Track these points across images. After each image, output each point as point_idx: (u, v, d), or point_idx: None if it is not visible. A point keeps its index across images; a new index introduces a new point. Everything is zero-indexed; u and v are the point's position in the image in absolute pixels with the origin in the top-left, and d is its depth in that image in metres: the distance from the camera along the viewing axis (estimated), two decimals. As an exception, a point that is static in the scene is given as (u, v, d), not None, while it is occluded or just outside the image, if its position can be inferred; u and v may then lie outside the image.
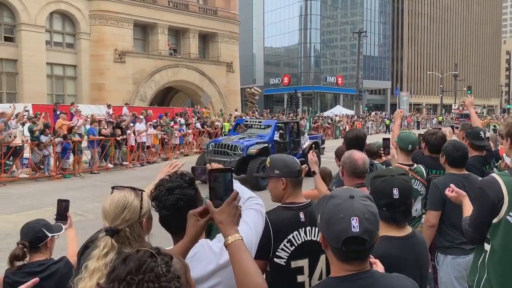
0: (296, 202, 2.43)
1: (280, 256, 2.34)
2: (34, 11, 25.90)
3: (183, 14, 33.27)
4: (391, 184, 2.13)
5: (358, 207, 1.45)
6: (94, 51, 28.69)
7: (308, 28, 65.20)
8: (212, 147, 13.49)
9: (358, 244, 1.42)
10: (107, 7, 28.78)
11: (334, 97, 68.05)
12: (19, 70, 26.02)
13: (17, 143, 13.46)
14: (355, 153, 3.03)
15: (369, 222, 1.43)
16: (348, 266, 1.47)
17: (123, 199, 1.76)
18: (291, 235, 2.35)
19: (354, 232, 1.40)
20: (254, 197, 2.00)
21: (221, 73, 36.09)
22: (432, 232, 3.46)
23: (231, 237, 1.48)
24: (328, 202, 1.50)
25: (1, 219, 8.76)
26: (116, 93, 28.35)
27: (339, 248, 1.43)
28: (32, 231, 2.69)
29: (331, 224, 1.45)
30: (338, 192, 1.55)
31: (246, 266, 1.44)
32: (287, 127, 14.80)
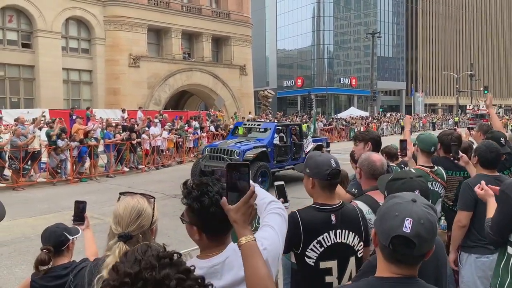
0: (328, 203, 2.42)
1: (309, 256, 2.36)
2: (50, 18, 26.34)
3: (196, 18, 33.48)
4: (411, 186, 2.12)
5: (417, 210, 1.41)
6: (109, 56, 29.04)
7: (321, 30, 65.00)
8: (208, 152, 12.86)
9: (406, 246, 1.38)
10: (121, 12, 29.12)
11: (348, 98, 67.66)
12: (36, 76, 26.46)
13: (35, 147, 13.68)
14: (373, 155, 3.01)
15: (423, 228, 1.38)
16: (394, 268, 1.45)
17: (138, 205, 1.75)
18: (321, 236, 2.36)
19: (403, 232, 1.37)
20: (275, 201, 1.98)
21: (235, 76, 36.20)
22: (463, 233, 3.42)
23: (244, 238, 1.46)
24: (389, 201, 1.50)
25: (20, 223, 8.90)
26: (131, 97, 28.64)
27: (386, 246, 1.41)
28: (54, 235, 2.74)
29: (384, 219, 1.44)
30: (403, 194, 1.54)
31: (258, 270, 1.42)
32: (288, 130, 14.15)
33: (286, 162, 13.74)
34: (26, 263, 6.36)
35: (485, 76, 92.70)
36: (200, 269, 1.66)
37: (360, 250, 2.44)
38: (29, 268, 6.08)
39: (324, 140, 16.66)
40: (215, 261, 1.63)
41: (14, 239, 7.77)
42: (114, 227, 1.74)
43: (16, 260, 6.69)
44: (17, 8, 25.70)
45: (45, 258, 2.64)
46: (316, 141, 15.58)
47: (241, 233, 1.47)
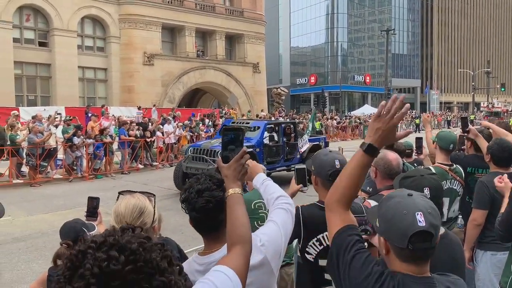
0: None
1: (309, 252, 2.38)
2: (67, 17, 26.65)
3: (210, 16, 33.56)
4: (421, 183, 2.10)
5: (420, 202, 1.43)
6: (123, 54, 29.29)
7: (335, 27, 64.62)
8: (191, 153, 11.86)
9: (425, 240, 1.38)
10: (136, 11, 29.34)
11: (362, 96, 67.20)
12: (52, 74, 26.82)
13: (51, 144, 13.88)
14: (389, 154, 2.97)
15: (432, 217, 1.40)
16: (412, 267, 1.43)
17: (139, 203, 1.78)
18: (321, 235, 2.35)
19: (421, 227, 1.37)
20: (284, 196, 2.00)
21: (248, 74, 36.22)
22: (478, 232, 3.39)
23: (232, 190, 1.60)
24: (387, 203, 1.48)
25: (38, 219, 9.05)
26: (145, 95, 28.87)
27: (405, 248, 1.39)
28: (73, 230, 2.76)
29: (394, 222, 1.41)
30: (394, 193, 1.54)
31: (237, 218, 1.54)
32: (280, 129, 13.21)
33: (278, 163, 12.88)
34: (43, 258, 6.47)
35: (502, 73, 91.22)
36: (200, 265, 1.71)
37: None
38: (46, 263, 6.19)
39: (321, 140, 15.47)
40: (214, 257, 1.68)
41: (31, 234, 7.91)
42: (115, 226, 1.74)
43: (33, 255, 6.81)
44: (34, 7, 26.07)
45: (64, 253, 2.67)
46: (313, 140, 14.49)
47: (229, 186, 1.62)
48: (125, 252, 0.88)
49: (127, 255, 0.87)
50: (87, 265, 0.86)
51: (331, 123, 31.59)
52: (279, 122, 14.14)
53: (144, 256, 0.89)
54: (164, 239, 2.20)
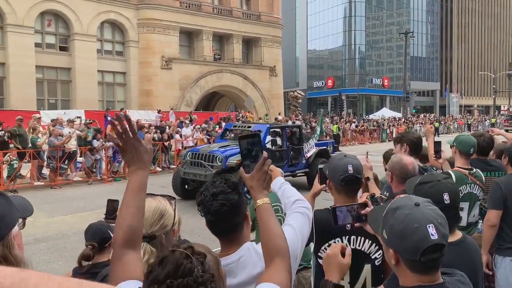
0: None
1: (321, 257, 2.33)
2: (86, 21, 27.13)
3: (227, 20, 33.75)
4: (440, 189, 2.08)
5: (429, 213, 1.41)
6: (142, 58, 29.65)
7: (352, 30, 64.27)
8: (189, 158, 11.39)
9: (436, 251, 1.38)
10: (154, 15, 29.68)
11: (380, 99, 66.60)
12: (72, 78, 27.31)
13: (70, 147, 14.12)
14: (404, 158, 2.94)
15: (442, 227, 1.40)
16: (424, 277, 1.43)
17: (160, 206, 1.79)
18: (332, 240, 2.34)
19: (433, 240, 1.36)
20: (301, 200, 2.00)
21: (264, 77, 36.27)
22: (493, 233, 3.35)
23: (260, 200, 1.60)
24: (395, 215, 1.45)
25: (58, 220, 9.21)
26: (163, 98, 29.14)
27: (416, 260, 1.39)
28: (100, 232, 2.79)
29: (405, 236, 1.40)
30: (400, 202, 1.51)
31: (272, 228, 1.53)
32: (284, 133, 12.58)
33: (282, 168, 12.30)
34: (63, 259, 6.58)
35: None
36: None
37: (379, 258, 2.35)
38: (66, 264, 6.31)
39: (329, 144, 14.83)
40: (230, 260, 1.68)
41: (52, 235, 8.05)
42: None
43: (54, 256, 6.93)
44: (55, 12, 26.60)
45: (90, 254, 2.69)
46: (320, 145, 13.84)
47: (257, 197, 1.61)
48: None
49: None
50: None
51: (349, 126, 31.40)
52: (283, 126, 13.65)
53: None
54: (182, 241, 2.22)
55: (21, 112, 17.59)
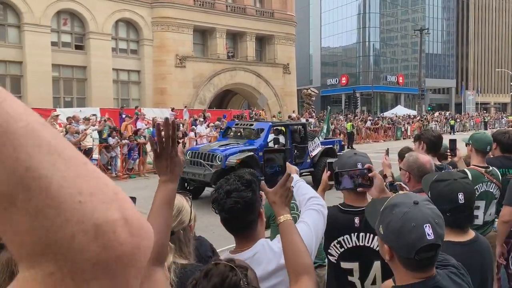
0: (354, 205, 2.38)
1: (331, 254, 2.38)
2: (101, 20, 27.40)
3: (241, 17, 33.76)
4: (455, 188, 2.07)
5: (427, 212, 1.43)
6: (156, 57, 29.85)
7: (366, 27, 63.76)
8: (189, 156, 11.11)
9: (431, 250, 1.40)
10: (168, 13, 29.84)
11: (394, 97, 65.99)
12: (88, 76, 27.62)
13: (86, 145, 14.31)
14: (421, 157, 2.93)
15: (439, 227, 1.42)
16: (418, 274, 1.45)
17: (177, 203, 1.80)
18: (341, 237, 2.34)
19: (429, 240, 1.38)
20: (315, 197, 2.01)
21: (278, 75, 36.21)
22: (507, 228, 3.34)
23: (283, 216, 1.59)
24: (393, 212, 1.47)
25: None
26: (177, 97, 29.30)
27: (411, 258, 1.41)
28: None
29: (402, 234, 1.42)
30: (399, 199, 1.52)
31: (296, 245, 1.52)
32: (288, 131, 12.31)
33: None
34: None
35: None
36: None
37: None
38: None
39: (336, 143, 14.35)
40: (245, 256, 1.69)
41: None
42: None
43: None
44: (71, 11, 26.92)
45: None
46: (327, 143, 13.43)
47: (279, 213, 1.61)
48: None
49: None
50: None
51: (363, 124, 31.20)
52: (287, 124, 13.32)
53: None
54: (197, 237, 2.25)
55: (38, 110, 17.83)
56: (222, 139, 12.85)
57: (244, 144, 11.42)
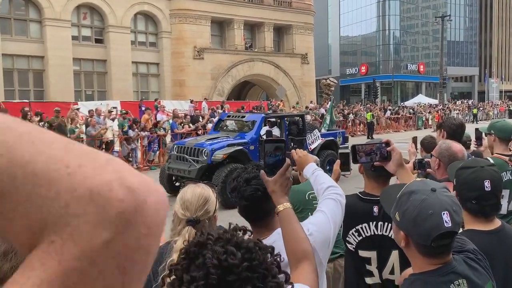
0: (373, 194, 2.38)
1: (350, 242, 2.40)
2: (120, 14, 27.62)
3: (258, 8, 33.58)
4: (482, 175, 2.02)
5: (445, 200, 1.42)
6: (174, 49, 29.98)
7: (386, 15, 62.67)
8: (175, 151, 10.53)
9: (448, 237, 1.40)
10: (186, 5, 29.88)
11: (415, 85, 64.90)
12: (108, 70, 27.95)
13: (108, 137, 14.54)
14: (454, 145, 2.86)
15: (457, 215, 1.41)
16: (434, 260, 1.46)
17: (204, 192, 1.86)
18: (359, 226, 2.35)
19: (447, 228, 1.38)
20: (333, 186, 2.01)
21: (296, 65, 35.97)
22: None
23: (282, 205, 1.61)
24: (410, 198, 1.46)
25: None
26: (195, 88, 29.43)
27: (427, 245, 1.41)
28: None
29: (419, 221, 1.41)
30: (417, 186, 1.51)
31: (295, 232, 1.54)
32: (283, 123, 11.67)
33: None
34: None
35: None
36: None
37: None
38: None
39: (339, 135, 13.48)
40: None
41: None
42: (182, 212, 1.84)
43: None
44: (90, 5, 27.21)
45: None
46: (328, 135, 12.63)
47: (278, 202, 1.63)
48: (241, 249, 0.91)
49: (243, 252, 0.90)
50: (207, 255, 0.88)
51: (383, 114, 30.82)
52: (281, 115, 12.69)
53: (260, 257, 0.91)
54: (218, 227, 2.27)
55: (60, 103, 18.18)
56: (213, 132, 12.29)
57: (235, 137, 10.86)
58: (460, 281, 1.45)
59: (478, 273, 1.51)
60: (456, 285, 1.44)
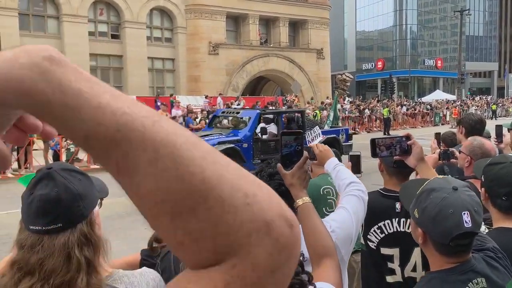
0: (395, 190, 2.33)
1: (371, 240, 2.36)
2: (136, 9, 27.80)
3: (274, 3, 33.43)
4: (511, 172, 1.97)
5: (466, 199, 1.39)
6: (190, 45, 30.07)
7: (403, 9, 61.85)
8: None
9: (467, 237, 1.37)
10: (201, 1, 29.91)
11: (433, 81, 64.03)
12: (124, 65, 28.19)
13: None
14: (487, 143, 2.80)
15: (478, 215, 1.38)
16: (452, 259, 1.43)
17: None
18: (382, 222, 2.32)
19: (466, 228, 1.35)
20: (355, 182, 1.98)
21: (311, 61, 35.76)
22: None
23: (301, 200, 1.58)
24: (430, 196, 1.43)
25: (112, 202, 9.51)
26: (210, 84, 29.50)
27: (446, 244, 1.38)
28: None
29: (439, 220, 1.39)
30: (438, 184, 1.48)
31: (316, 227, 1.51)
32: (280, 119, 11.34)
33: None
34: (119, 239, 6.88)
35: None
36: None
37: None
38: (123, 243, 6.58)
39: (342, 132, 12.88)
40: None
41: (108, 216, 8.39)
42: None
43: (111, 236, 7.20)
44: (107, 1, 27.44)
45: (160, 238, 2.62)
46: (330, 132, 12.12)
47: (297, 195, 1.59)
48: None
49: None
50: None
51: (400, 109, 30.48)
52: (278, 112, 12.36)
53: None
54: None
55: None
56: (207, 129, 11.96)
57: (227, 134, 10.59)
58: (479, 280, 1.42)
59: (498, 272, 1.48)
60: (475, 283, 1.41)
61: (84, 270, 1.16)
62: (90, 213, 1.25)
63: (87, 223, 1.23)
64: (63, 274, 1.13)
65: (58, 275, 1.13)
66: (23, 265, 1.13)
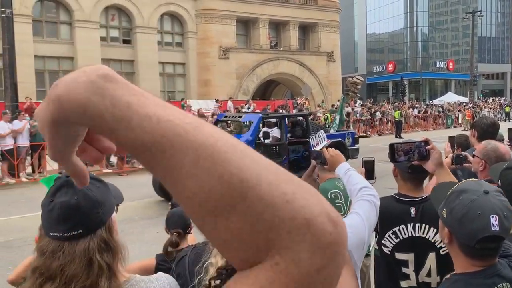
0: (410, 195, 2.34)
1: (385, 245, 2.34)
2: (147, 14, 28.04)
3: (284, 6, 33.49)
4: None
5: (496, 203, 1.37)
6: (200, 49, 30.22)
7: (414, 11, 61.49)
8: None
9: (493, 242, 1.35)
10: (211, 5, 30.07)
11: (444, 83, 63.48)
12: (135, 70, 28.42)
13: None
14: (501, 147, 2.78)
15: (507, 220, 1.36)
16: (478, 262, 1.42)
17: None
18: (397, 227, 2.31)
19: (494, 231, 1.33)
20: (367, 187, 1.97)
21: (321, 64, 35.70)
22: None
23: None
24: (460, 197, 1.42)
25: (126, 206, 9.59)
26: (221, 88, 29.60)
27: (471, 246, 1.37)
28: (182, 219, 2.75)
29: (466, 221, 1.38)
30: (469, 186, 1.47)
31: None
32: (283, 123, 11.13)
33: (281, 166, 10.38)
34: (132, 243, 6.92)
35: None
36: None
37: (444, 248, 2.28)
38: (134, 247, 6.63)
39: (348, 136, 12.69)
40: None
41: (120, 220, 8.40)
42: None
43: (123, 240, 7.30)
44: (118, 7, 27.72)
45: (177, 241, 2.65)
46: (335, 136, 11.94)
47: None
48: None
49: None
50: None
51: (411, 112, 30.25)
52: (281, 116, 12.20)
53: None
54: None
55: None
56: None
57: None
58: (505, 285, 1.41)
59: None
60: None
61: (106, 274, 1.18)
62: (108, 219, 1.28)
63: (106, 229, 1.25)
64: (84, 279, 1.15)
65: (79, 280, 1.15)
66: (45, 270, 1.16)
